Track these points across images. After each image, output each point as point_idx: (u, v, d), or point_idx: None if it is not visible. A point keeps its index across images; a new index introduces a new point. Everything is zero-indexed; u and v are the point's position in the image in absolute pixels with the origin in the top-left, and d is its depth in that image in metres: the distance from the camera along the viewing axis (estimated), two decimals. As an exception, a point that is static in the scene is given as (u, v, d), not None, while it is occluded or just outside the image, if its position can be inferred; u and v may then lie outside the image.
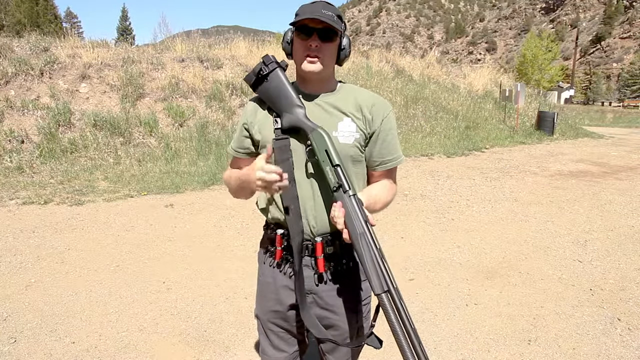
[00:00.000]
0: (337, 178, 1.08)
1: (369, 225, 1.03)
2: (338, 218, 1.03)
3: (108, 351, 2.35)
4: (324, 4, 1.15)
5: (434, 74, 14.79)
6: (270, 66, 1.20)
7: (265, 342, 1.38)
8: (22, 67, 7.83)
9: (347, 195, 1.05)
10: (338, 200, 1.05)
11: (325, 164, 1.10)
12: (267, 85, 1.20)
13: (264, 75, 1.20)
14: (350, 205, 1.04)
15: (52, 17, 40.77)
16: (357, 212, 1.04)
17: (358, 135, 1.20)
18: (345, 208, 1.04)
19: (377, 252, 1.02)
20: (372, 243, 1.02)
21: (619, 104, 49.46)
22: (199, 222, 4.61)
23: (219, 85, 9.27)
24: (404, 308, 1.00)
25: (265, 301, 1.35)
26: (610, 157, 9.54)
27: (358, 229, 1.01)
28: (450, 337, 2.50)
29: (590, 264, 3.58)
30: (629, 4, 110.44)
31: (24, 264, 3.48)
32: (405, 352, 0.97)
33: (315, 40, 1.13)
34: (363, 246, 1.01)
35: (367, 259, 1.01)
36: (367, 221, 1.03)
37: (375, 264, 1.00)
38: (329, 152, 1.10)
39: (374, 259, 1.01)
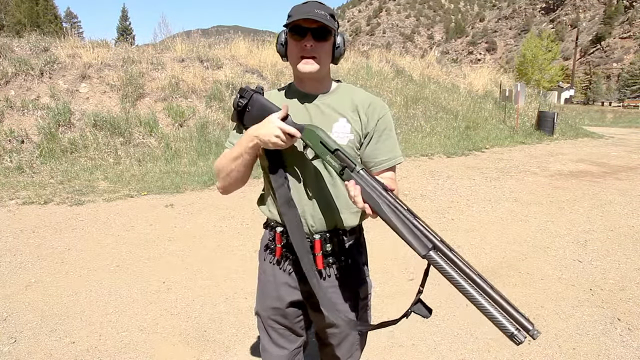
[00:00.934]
0: (339, 161, 1.06)
1: (388, 192, 0.99)
2: (356, 197, 0.99)
3: (108, 351, 2.35)
4: (316, 4, 1.15)
5: (434, 74, 14.79)
6: (246, 95, 1.21)
7: (266, 339, 1.39)
8: (22, 67, 7.83)
9: (355, 172, 1.03)
10: (349, 180, 1.02)
11: (325, 154, 1.09)
12: (250, 113, 1.21)
13: (244, 106, 1.21)
14: (363, 179, 1.01)
15: (52, 17, 40.76)
16: (372, 183, 1.00)
17: (352, 137, 1.20)
18: (359, 184, 1.00)
19: (407, 214, 0.96)
20: (398, 207, 0.97)
21: (619, 104, 49.44)
22: (199, 222, 4.61)
23: (219, 85, 9.27)
24: (459, 257, 0.91)
25: (265, 298, 1.35)
26: (610, 157, 9.54)
27: (379, 199, 0.97)
28: (450, 337, 2.50)
29: (590, 264, 3.58)
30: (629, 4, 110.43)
31: (24, 264, 3.48)
32: (478, 301, 0.86)
33: (309, 40, 1.13)
34: (390, 214, 0.96)
35: (399, 225, 0.95)
36: (385, 187, 1.00)
37: (409, 225, 0.94)
38: (324, 142, 1.09)
39: (406, 223, 0.95)
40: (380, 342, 2.45)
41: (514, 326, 0.83)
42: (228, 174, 1.23)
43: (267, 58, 10.52)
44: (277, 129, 1.09)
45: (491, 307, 0.85)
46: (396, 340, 2.47)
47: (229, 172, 1.23)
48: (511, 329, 0.83)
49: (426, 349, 2.39)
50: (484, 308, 0.86)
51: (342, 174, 1.05)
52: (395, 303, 2.91)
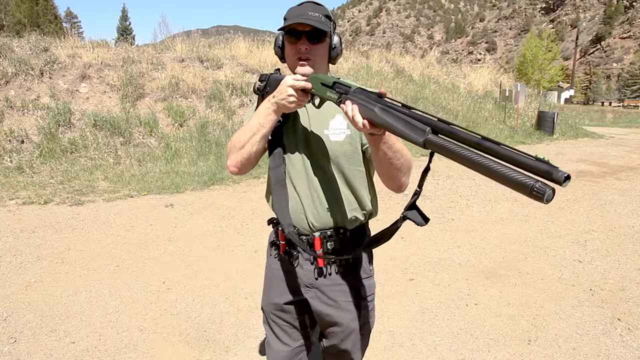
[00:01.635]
0: (336, 91, 1.05)
1: (382, 97, 0.96)
2: (355, 115, 0.95)
3: (108, 351, 2.35)
4: (311, 5, 1.16)
5: (434, 74, 14.79)
6: (264, 78, 1.26)
7: (270, 334, 1.41)
8: (22, 67, 7.83)
9: (351, 93, 1.01)
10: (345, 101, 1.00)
11: (324, 92, 1.08)
12: (269, 93, 1.22)
13: (263, 88, 1.25)
14: (357, 97, 0.98)
15: (52, 17, 40.75)
16: (366, 96, 0.97)
17: (349, 132, 1.21)
18: (355, 103, 0.97)
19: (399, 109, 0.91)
20: (390, 107, 0.92)
21: (619, 104, 49.44)
22: (199, 222, 4.61)
23: (219, 85, 9.27)
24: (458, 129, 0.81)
25: (270, 293, 1.37)
26: (610, 157, 9.54)
27: (372, 106, 0.94)
28: (450, 337, 2.50)
29: (590, 264, 3.58)
30: (629, 4, 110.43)
31: (24, 264, 3.48)
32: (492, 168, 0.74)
33: (304, 43, 1.14)
34: (385, 116, 0.91)
35: (394, 122, 0.90)
36: (380, 94, 0.96)
37: (404, 118, 0.88)
38: (324, 81, 1.08)
39: (399, 117, 0.89)
40: (380, 341, 2.45)
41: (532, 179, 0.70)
42: (242, 147, 1.20)
43: (267, 58, 10.52)
44: (289, 88, 1.09)
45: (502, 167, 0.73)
46: (396, 340, 2.47)
47: (243, 145, 1.19)
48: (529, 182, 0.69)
49: (426, 348, 2.39)
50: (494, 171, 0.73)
51: (340, 101, 1.03)
52: (395, 303, 2.91)
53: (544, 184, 0.68)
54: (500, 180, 0.73)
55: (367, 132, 0.97)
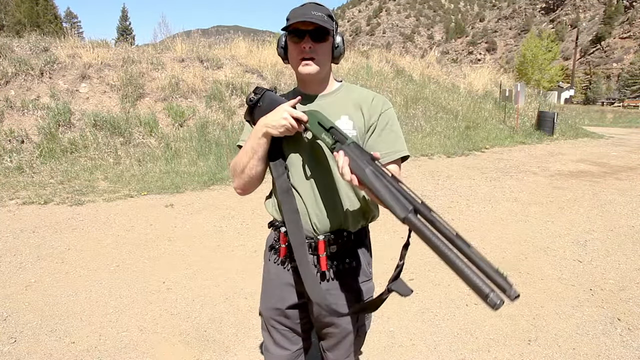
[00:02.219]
0: (332, 137, 1.07)
1: (374, 160, 0.99)
2: (343, 167, 0.99)
3: (108, 351, 2.35)
4: (313, 5, 1.16)
5: (434, 74, 14.79)
6: (259, 92, 1.25)
7: (269, 340, 1.39)
8: (22, 67, 7.83)
9: (346, 145, 1.04)
10: (339, 151, 1.03)
11: (320, 133, 1.10)
12: (260, 108, 1.23)
13: (256, 102, 1.24)
14: (351, 151, 1.02)
15: (52, 17, 40.75)
16: (360, 153, 1.01)
17: (355, 133, 1.21)
18: (347, 156, 1.00)
19: (390, 179, 0.95)
20: (382, 174, 0.96)
21: (619, 104, 49.41)
22: (199, 222, 4.61)
23: (219, 85, 9.27)
24: (438, 219, 0.87)
25: (269, 298, 1.36)
26: (610, 157, 9.54)
27: (365, 167, 0.97)
28: (450, 337, 2.50)
29: (590, 264, 3.58)
30: (629, 4, 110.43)
31: (24, 264, 3.48)
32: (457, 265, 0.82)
33: (308, 42, 1.15)
34: (373, 179, 0.95)
35: (382, 190, 0.94)
36: (372, 157, 1.00)
37: (392, 190, 0.93)
38: (321, 121, 1.10)
39: (388, 187, 0.93)
40: (380, 342, 2.45)
41: (489, 288, 0.79)
42: (242, 171, 1.23)
43: (267, 58, 10.52)
44: (285, 112, 1.11)
45: (466, 268, 0.81)
46: (396, 340, 2.47)
47: (242, 169, 1.22)
48: (486, 290, 0.79)
49: (426, 348, 2.39)
50: (458, 269, 0.82)
51: (333, 148, 1.06)
52: (395, 303, 2.91)
53: (497, 296, 0.78)
54: (463, 278, 0.82)
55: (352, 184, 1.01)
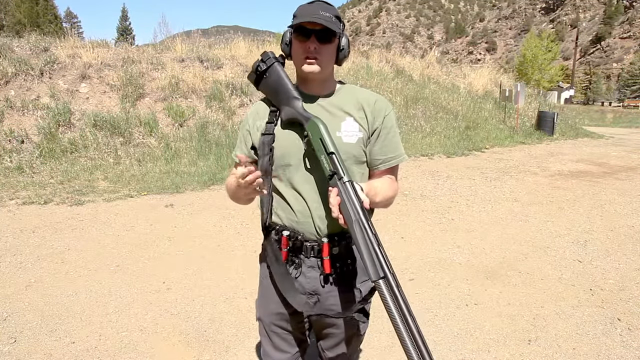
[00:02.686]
0: (331, 166, 1.07)
1: (364, 211, 1.02)
2: (333, 206, 1.02)
3: (108, 351, 2.35)
4: (322, 5, 1.15)
5: (434, 74, 14.78)
6: (267, 62, 1.22)
7: (268, 345, 1.38)
8: (22, 67, 7.83)
9: (341, 182, 1.05)
10: (333, 187, 1.05)
11: (320, 152, 1.09)
12: (266, 80, 1.22)
13: (262, 71, 1.22)
14: (345, 191, 1.03)
15: (52, 17, 40.77)
16: (352, 198, 1.03)
17: (361, 135, 1.21)
18: (340, 195, 1.03)
19: (372, 238, 1.00)
20: (367, 229, 1.00)
21: (619, 104, 49.41)
22: (199, 222, 4.61)
23: (219, 85, 9.27)
24: (401, 294, 0.97)
25: (268, 303, 1.34)
26: (610, 157, 9.54)
27: (353, 216, 1.00)
28: (450, 337, 2.50)
29: (590, 264, 3.58)
30: (629, 4, 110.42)
31: (24, 264, 3.48)
32: (404, 339, 0.94)
33: (313, 42, 1.13)
34: (358, 233, 1.00)
35: (362, 246, 0.99)
36: (362, 206, 1.02)
37: (370, 250, 0.99)
38: (324, 140, 1.09)
39: (368, 246, 0.99)
40: (380, 341, 2.45)
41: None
42: (236, 198, 1.29)
43: (267, 58, 10.50)
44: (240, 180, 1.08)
45: (411, 345, 0.93)
46: (396, 340, 2.46)
47: (237, 198, 1.29)
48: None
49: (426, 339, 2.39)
50: (404, 344, 0.94)
51: (330, 177, 1.07)
52: (395, 303, 2.91)
53: None
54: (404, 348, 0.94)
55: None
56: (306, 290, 1.26)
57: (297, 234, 1.22)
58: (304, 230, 1.22)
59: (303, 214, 1.21)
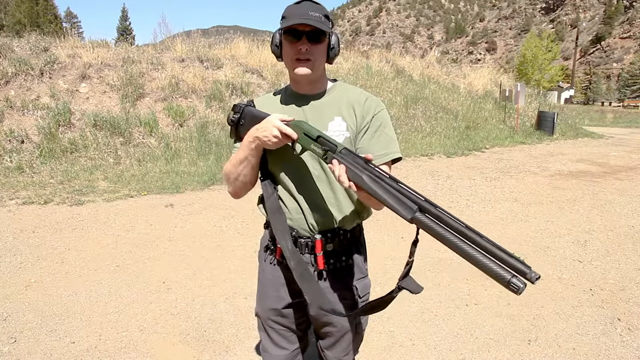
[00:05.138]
0: (321, 146, 1.07)
1: (368, 164, 0.99)
2: (341, 176, 0.99)
3: (108, 351, 2.35)
4: (310, 5, 1.15)
5: (434, 74, 14.79)
6: (238, 110, 1.26)
7: (267, 340, 1.40)
8: (22, 67, 7.83)
9: (337, 153, 1.03)
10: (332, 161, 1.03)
11: (308, 143, 1.09)
12: (243, 126, 1.24)
13: (237, 120, 1.26)
14: (344, 158, 1.01)
15: (52, 17, 40.76)
16: (354, 159, 1.00)
17: (348, 134, 1.21)
18: (342, 164, 1.00)
19: (389, 182, 0.95)
20: (381, 177, 0.96)
21: (619, 104, 49.40)
22: (199, 222, 4.61)
23: (219, 85, 9.27)
24: (444, 213, 0.87)
25: (265, 299, 1.36)
26: (610, 157, 9.54)
27: (360, 173, 0.97)
28: (450, 337, 2.50)
29: (590, 264, 3.58)
30: (629, 4, 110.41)
31: (24, 264, 3.48)
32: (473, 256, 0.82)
33: (304, 44, 1.14)
34: (373, 185, 0.95)
35: (383, 194, 0.93)
36: (366, 160, 0.99)
37: (393, 192, 0.93)
38: (307, 132, 1.09)
39: (388, 190, 0.93)
40: (380, 341, 2.45)
41: (509, 273, 0.79)
42: (236, 178, 1.26)
43: (267, 58, 10.52)
44: (274, 128, 1.11)
45: (483, 257, 0.81)
46: (396, 340, 2.47)
47: (236, 177, 1.25)
48: (507, 277, 0.79)
49: (426, 348, 2.39)
50: (476, 260, 0.81)
51: (325, 158, 1.05)
52: (395, 303, 2.90)
53: (519, 280, 0.78)
54: (482, 268, 0.80)
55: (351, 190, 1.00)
56: None
57: (291, 230, 1.24)
58: (297, 227, 1.24)
59: (296, 211, 1.24)
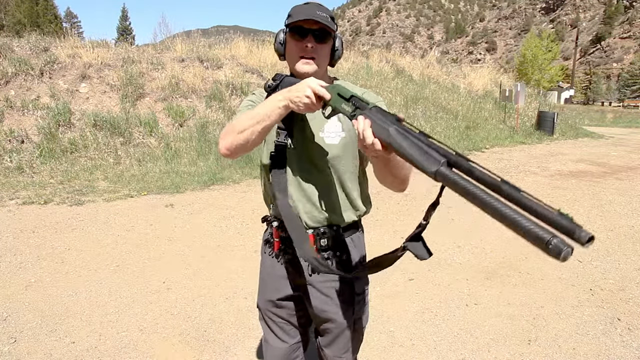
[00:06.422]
0: (353, 104, 0.98)
1: (400, 121, 0.88)
2: (365, 131, 0.89)
3: (108, 351, 2.35)
4: (317, 6, 1.16)
5: (434, 74, 14.79)
6: (278, 78, 1.22)
7: (267, 332, 1.42)
8: (22, 67, 7.83)
9: (367, 110, 0.94)
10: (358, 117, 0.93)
11: (339, 103, 1.01)
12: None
13: (275, 87, 1.22)
14: (373, 114, 0.91)
15: (52, 17, 40.75)
16: (383, 115, 0.90)
17: (344, 134, 1.22)
18: (369, 118, 0.90)
19: (417, 135, 0.84)
20: (408, 131, 0.85)
21: (619, 104, 49.39)
22: (199, 222, 4.61)
23: (219, 85, 9.27)
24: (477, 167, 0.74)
25: (265, 291, 1.38)
26: (610, 157, 9.54)
27: (387, 126, 0.87)
28: (450, 337, 2.50)
29: (590, 264, 3.58)
30: (629, 4, 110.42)
31: (24, 264, 3.48)
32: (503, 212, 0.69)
33: (310, 42, 1.14)
34: (399, 139, 0.85)
35: (408, 147, 0.83)
36: (396, 118, 0.89)
37: (420, 145, 0.82)
38: (341, 92, 1.02)
39: (415, 143, 0.83)
40: (380, 341, 2.45)
41: (549, 233, 0.64)
42: (242, 132, 1.12)
43: (267, 58, 10.52)
44: (308, 89, 1.02)
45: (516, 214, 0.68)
46: (396, 340, 2.47)
47: (243, 130, 1.11)
48: (545, 236, 0.63)
49: (426, 348, 2.39)
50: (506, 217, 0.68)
51: (353, 116, 0.97)
52: (395, 303, 2.91)
53: (562, 241, 0.63)
54: (514, 228, 0.68)
55: (373, 154, 0.92)
56: (298, 279, 1.30)
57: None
58: None
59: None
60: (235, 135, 1.13)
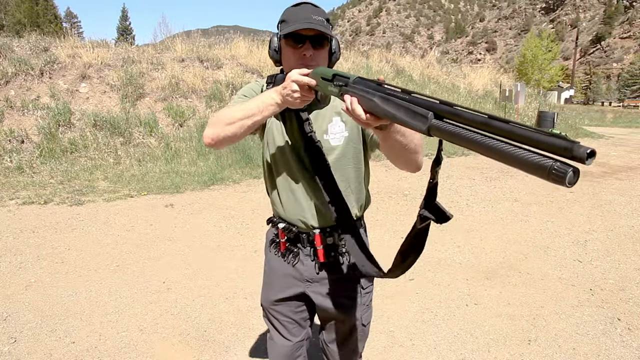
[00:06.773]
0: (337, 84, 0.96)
1: (381, 85, 0.87)
2: (356, 109, 0.86)
3: (108, 351, 2.35)
4: (312, 8, 1.13)
5: (434, 74, 14.79)
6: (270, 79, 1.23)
7: (272, 330, 1.43)
8: (22, 67, 7.83)
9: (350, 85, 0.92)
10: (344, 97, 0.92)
11: (326, 86, 0.99)
12: None
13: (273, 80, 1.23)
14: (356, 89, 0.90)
15: (52, 17, 40.74)
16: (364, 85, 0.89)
17: (347, 134, 1.22)
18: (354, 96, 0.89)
19: (399, 95, 0.82)
20: (390, 94, 0.84)
21: (619, 104, 49.38)
22: (199, 222, 4.61)
23: (219, 85, 9.27)
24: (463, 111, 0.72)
25: (270, 290, 1.39)
26: (610, 157, 9.54)
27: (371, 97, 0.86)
28: (450, 337, 2.50)
29: (590, 264, 3.58)
30: (629, 4, 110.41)
31: (24, 264, 3.48)
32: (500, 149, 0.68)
33: (309, 49, 1.12)
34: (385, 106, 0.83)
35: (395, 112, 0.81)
36: (378, 83, 0.87)
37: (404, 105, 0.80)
38: (324, 75, 1.00)
39: (400, 105, 0.80)
40: (380, 341, 2.45)
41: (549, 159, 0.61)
42: (230, 124, 1.09)
43: (267, 58, 10.51)
44: (293, 83, 0.99)
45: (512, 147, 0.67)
46: (396, 340, 2.47)
47: (232, 122, 1.08)
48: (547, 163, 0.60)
49: (426, 348, 2.39)
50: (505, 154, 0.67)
51: (341, 95, 0.95)
52: (395, 303, 2.91)
53: (564, 164, 0.58)
54: (514, 163, 0.65)
55: (373, 127, 0.90)
56: (304, 277, 1.31)
57: (292, 225, 1.27)
58: (296, 223, 1.26)
59: (295, 207, 1.25)
60: (223, 126, 1.10)
